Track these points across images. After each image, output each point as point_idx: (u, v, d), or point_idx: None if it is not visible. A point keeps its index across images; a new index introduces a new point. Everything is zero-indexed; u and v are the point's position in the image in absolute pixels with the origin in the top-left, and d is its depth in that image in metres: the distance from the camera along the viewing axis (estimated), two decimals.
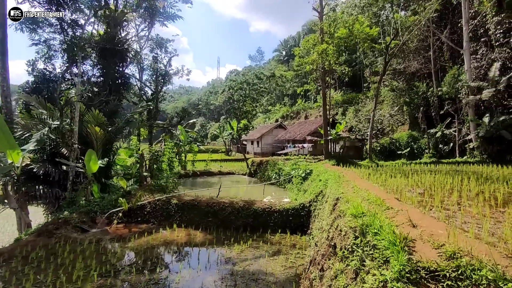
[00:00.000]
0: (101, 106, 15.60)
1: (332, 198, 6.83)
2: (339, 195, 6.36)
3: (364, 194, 5.89)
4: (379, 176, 11.08)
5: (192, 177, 22.88)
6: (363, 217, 4.03)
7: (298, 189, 13.77)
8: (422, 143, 27.09)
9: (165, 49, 23.53)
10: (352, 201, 5.20)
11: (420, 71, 29.82)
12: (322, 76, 17.62)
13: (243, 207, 10.58)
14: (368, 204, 5.11)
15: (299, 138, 39.16)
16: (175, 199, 11.23)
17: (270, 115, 71.56)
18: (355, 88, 52.07)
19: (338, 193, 6.61)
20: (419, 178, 10.90)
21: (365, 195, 5.78)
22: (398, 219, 4.00)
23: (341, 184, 8.18)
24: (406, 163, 18.46)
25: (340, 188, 7.40)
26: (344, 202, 5.61)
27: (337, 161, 16.90)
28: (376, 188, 6.86)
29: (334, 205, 6.20)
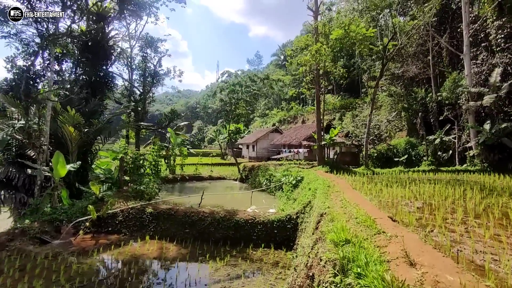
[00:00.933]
0: (81, 106, 14.66)
1: (316, 213, 5.90)
2: (324, 210, 5.43)
3: (353, 211, 4.96)
4: (374, 185, 10.17)
5: (180, 182, 21.87)
6: (346, 246, 3.09)
7: (287, 197, 12.82)
8: (420, 150, 26.24)
9: (155, 48, 22.63)
10: (337, 220, 4.27)
11: (418, 76, 29.08)
12: (316, 79, 16.76)
13: (224, 217, 9.61)
14: (355, 224, 4.17)
15: (294, 143, 38.27)
16: (151, 207, 10.25)
17: (268, 119, 70.78)
18: (353, 93, 51.38)
19: (324, 208, 5.68)
20: (417, 188, 9.98)
21: (354, 212, 4.84)
22: (391, 249, 3.06)
23: (330, 195, 7.25)
24: (404, 171, 17.57)
25: (327, 201, 6.47)
26: (329, 220, 4.67)
27: (331, 167, 15.98)
28: (367, 203, 5.92)
29: (318, 222, 5.26)
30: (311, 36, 16.36)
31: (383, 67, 17.36)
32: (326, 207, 5.62)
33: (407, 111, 29.91)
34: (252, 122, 79.47)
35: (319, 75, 16.84)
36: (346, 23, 15.71)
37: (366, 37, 17.36)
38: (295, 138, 39.31)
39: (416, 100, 29.07)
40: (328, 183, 9.29)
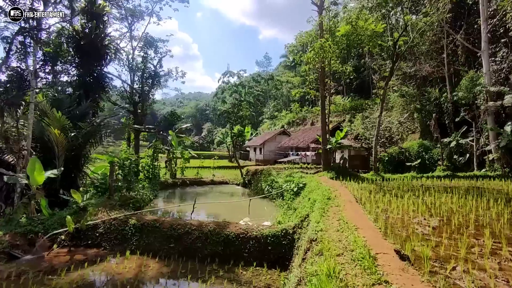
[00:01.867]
0: (72, 108, 13.98)
1: (307, 237, 4.86)
2: (315, 235, 4.39)
3: (350, 238, 3.90)
4: (382, 195, 9.02)
5: (180, 186, 21.02)
6: None
7: (288, 206, 11.76)
8: (435, 153, 24.72)
9: (155, 48, 21.94)
10: (327, 253, 3.22)
11: (432, 75, 27.56)
12: (321, 78, 15.65)
13: (213, 231, 8.62)
14: (349, 262, 3.13)
15: (302, 145, 37.11)
16: (134, 218, 9.36)
17: (276, 121, 69.67)
18: (363, 94, 49.83)
19: (316, 230, 4.63)
20: (432, 199, 8.79)
21: (351, 240, 3.79)
22: None
23: (327, 211, 6.18)
24: (417, 177, 16.26)
25: (322, 220, 5.43)
26: (317, 252, 3.64)
27: (337, 173, 14.83)
28: (370, 225, 4.82)
29: (306, 252, 4.23)
30: (314, 32, 15.23)
31: (393, 65, 16.12)
32: (319, 230, 4.58)
33: (420, 112, 28.40)
34: (261, 124, 78.50)
35: (324, 73, 15.72)
36: (354, 18, 14.58)
37: (375, 33, 16.18)
38: (303, 141, 38.14)
39: (429, 101, 27.55)
40: (329, 194, 8.19)
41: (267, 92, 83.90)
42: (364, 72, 48.58)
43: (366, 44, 16.61)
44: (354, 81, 52.06)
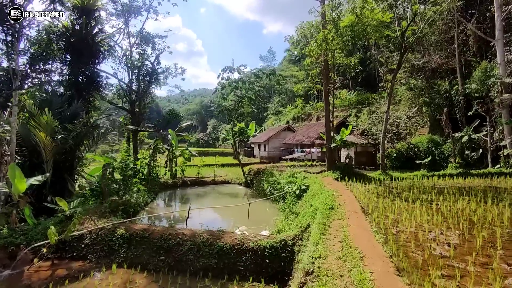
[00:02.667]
0: (62, 109, 13.36)
1: (301, 268, 4.09)
2: (312, 265, 3.63)
3: (355, 275, 3.12)
4: (392, 200, 8.21)
5: (181, 187, 20.40)
6: None
7: (290, 210, 10.99)
8: (445, 148, 23.67)
9: (152, 45, 21.20)
10: None
11: (442, 67, 26.35)
12: (323, 72, 14.75)
13: (206, 242, 7.91)
14: None
15: (307, 142, 36.25)
16: (123, 228, 8.69)
17: (281, 116, 68.64)
18: (369, 88, 48.60)
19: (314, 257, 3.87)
20: (447, 204, 7.94)
21: (355, 278, 3.01)
22: None
23: (328, 227, 5.41)
24: (427, 175, 15.32)
25: (321, 241, 4.64)
26: None
27: (342, 173, 13.99)
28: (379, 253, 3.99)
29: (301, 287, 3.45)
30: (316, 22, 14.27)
31: (401, 56, 15.12)
32: (316, 257, 3.82)
33: (429, 106, 27.31)
34: (266, 120, 77.58)
35: (327, 67, 14.81)
36: (359, 7, 13.62)
37: (382, 23, 15.20)
38: (308, 137, 37.25)
39: (439, 94, 26.45)
40: (331, 202, 7.39)
41: (271, 87, 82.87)
42: (370, 65, 47.31)
43: (372, 35, 15.63)
44: (360, 75, 50.83)
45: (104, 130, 14.94)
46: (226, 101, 21.77)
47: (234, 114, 21.24)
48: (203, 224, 10.79)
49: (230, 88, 20.66)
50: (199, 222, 11.34)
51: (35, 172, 11.42)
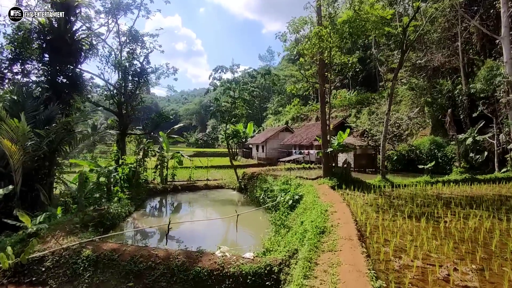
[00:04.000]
0: (37, 112, 12.38)
1: None
2: None
3: None
4: (393, 217, 7.20)
5: (171, 192, 19.42)
6: None
7: (282, 223, 9.98)
8: (448, 151, 22.71)
9: (141, 43, 20.21)
10: None
11: (445, 66, 25.30)
12: (319, 71, 13.73)
13: (182, 266, 6.94)
14: None
15: (305, 143, 35.33)
16: (90, 248, 7.71)
17: (281, 116, 67.64)
18: (369, 88, 47.62)
19: None
20: (457, 222, 6.95)
21: None
22: None
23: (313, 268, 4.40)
24: (431, 181, 14.32)
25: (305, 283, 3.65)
26: None
27: (339, 180, 12.99)
28: None
29: None
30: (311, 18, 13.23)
31: (402, 54, 14.11)
32: None
33: (431, 106, 26.32)
34: (265, 120, 76.60)
35: (323, 66, 13.77)
36: (357, 1, 12.61)
37: (382, 20, 14.22)
38: (306, 138, 36.31)
39: (441, 94, 25.47)
40: (323, 224, 6.38)
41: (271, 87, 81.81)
42: (370, 64, 46.33)
43: (372, 32, 14.64)
44: (360, 74, 49.81)
45: (86, 133, 13.94)
46: (219, 102, 20.81)
47: (228, 116, 20.25)
48: (182, 241, 9.83)
49: (222, 89, 19.67)
50: (180, 237, 10.38)
51: (1, 183, 10.48)
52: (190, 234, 10.72)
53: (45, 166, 12.08)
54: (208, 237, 10.38)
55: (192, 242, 9.81)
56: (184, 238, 10.28)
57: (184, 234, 10.72)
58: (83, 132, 13.74)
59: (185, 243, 9.74)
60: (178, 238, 10.20)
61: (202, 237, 10.41)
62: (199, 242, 9.87)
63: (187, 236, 10.47)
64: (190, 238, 10.40)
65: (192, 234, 10.66)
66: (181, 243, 9.76)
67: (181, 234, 10.68)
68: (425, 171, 15.54)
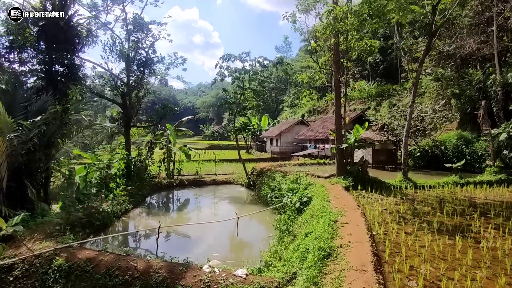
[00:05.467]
0: (29, 103, 11.64)
1: None
2: None
3: None
4: (417, 232, 5.85)
5: (177, 187, 18.56)
6: None
7: (287, 229, 8.77)
8: (478, 147, 20.70)
9: (146, 31, 19.23)
10: None
11: (476, 54, 23.02)
12: (333, 57, 12.23)
13: (162, 283, 5.90)
14: None
15: (320, 137, 33.78)
16: (65, 255, 6.80)
17: (297, 109, 65.82)
18: (390, 79, 45.02)
19: None
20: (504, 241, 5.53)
21: None
22: None
23: None
24: (460, 183, 12.68)
25: None
26: None
27: (354, 180, 11.59)
28: None
29: None
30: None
31: (431, 37, 12.33)
32: None
33: (459, 99, 24.11)
34: (281, 113, 74.99)
35: (338, 52, 12.27)
36: None
37: None
38: (322, 132, 34.73)
39: (471, 85, 23.21)
40: (329, 243, 5.11)
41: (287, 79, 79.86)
42: (391, 54, 43.73)
43: (395, 13, 12.98)
44: (380, 65, 47.33)
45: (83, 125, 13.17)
46: (227, 93, 19.66)
47: (236, 108, 19.08)
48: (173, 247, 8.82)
49: (231, 79, 18.49)
50: (172, 241, 9.36)
51: None
52: (183, 239, 9.71)
53: (36, 159, 11.34)
54: (203, 243, 9.32)
55: (184, 249, 8.84)
56: (176, 244, 9.29)
57: (177, 239, 9.73)
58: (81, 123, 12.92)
59: (176, 250, 8.78)
60: (170, 244, 9.20)
61: (196, 242, 9.37)
62: (192, 248, 8.88)
63: (180, 241, 9.46)
64: (182, 243, 9.40)
65: (186, 238, 9.64)
66: (171, 249, 8.76)
67: (174, 238, 9.68)
68: (454, 170, 13.85)
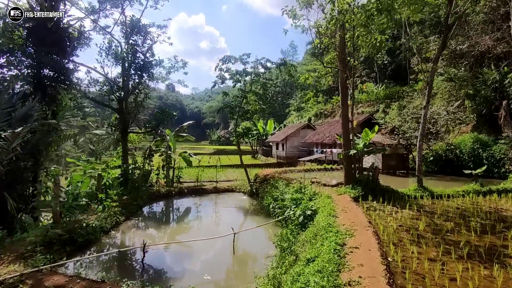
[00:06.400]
0: (14, 109, 10.92)
1: None
2: None
3: None
4: (442, 258, 4.81)
5: (176, 196, 17.69)
6: None
7: (289, 246, 7.76)
8: (496, 150, 19.41)
9: (144, 34, 18.54)
10: None
11: (491, 52, 21.76)
12: (339, 55, 11.22)
13: None
14: None
15: (327, 141, 32.66)
16: (29, 283, 5.92)
17: (303, 113, 64.81)
18: (399, 81, 43.72)
19: None
20: None
21: None
22: None
23: None
24: (481, 191, 11.49)
25: None
26: None
27: (364, 189, 10.52)
28: None
29: None
30: None
31: (447, 31, 11.24)
32: None
33: (473, 99, 22.86)
34: (288, 117, 74.00)
35: (344, 49, 11.26)
36: None
37: None
38: (329, 136, 33.61)
39: (486, 85, 21.96)
40: (333, 283, 4.10)
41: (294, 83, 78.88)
42: (400, 56, 42.50)
43: (405, 7, 11.99)
44: (388, 66, 46.12)
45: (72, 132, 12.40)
46: (228, 97, 18.82)
47: (237, 112, 18.20)
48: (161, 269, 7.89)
49: (232, 82, 17.64)
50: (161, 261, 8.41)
51: None
52: (175, 256, 8.75)
53: (20, 169, 10.58)
54: (196, 261, 8.35)
55: (174, 269, 7.94)
56: (166, 262, 8.34)
57: (168, 256, 8.78)
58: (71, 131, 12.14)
59: (166, 270, 7.85)
60: (159, 263, 8.26)
61: (189, 260, 8.42)
62: (183, 268, 7.97)
63: (169, 261, 8.50)
64: (174, 261, 8.45)
65: (177, 257, 8.68)
66: (160, 270, 7.83)
67: (164, 256, 8.73)
68: (474, 177, 12.66)
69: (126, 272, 7.53)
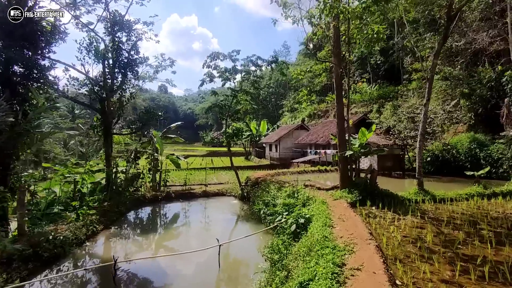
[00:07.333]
0: None
1: None
2: None
3: None
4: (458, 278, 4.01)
5: (163, 201, 16.72)
6: None
7: (280, 259, 6.91)
8: (494, 150, 18.91)
9: (129, 31, 17.56)
10: None
11: (488, 49, 21.29)
12: (334, 49, 10.43)
13: None
14: None
15: (322, 142, 31.95)
16: None
17: (297, 114, 64.15)
18: (392, 81, 43.28)
19: None
20: None
21: None
22: None
23: None
24: (485, 194, 10.80)
25: None
26: None
27: (362, 193, 9.73)
28: None
29: None
30: None
31: (450, 21, 10.48)
32: None
33: (468, 98, 22.37)
34: (281, 118, 73.28)
35: (338, 42, 10.48)
36: None
37: None
38: (323, 136, 32.93)
39: (481, 83, 21.49)
40: None
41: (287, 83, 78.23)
42: (393, 55, 42.07)
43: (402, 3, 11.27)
44: (381, 66, 45.65)
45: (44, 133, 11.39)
46: (217, 96, 17.95)
47: (227, 112, 17.35)
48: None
49: (221, 80, 16.78)
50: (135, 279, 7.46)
51: None
52: (150, 274, 7.75)
53: None
54: (176, 279, 7.42)
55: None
56: (141, 281, 7.38)
57: (145, 272, 7.80)
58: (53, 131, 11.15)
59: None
60: (134, 280, 7.31)
61: (167, 278, 7.47)
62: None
63: (148, 276, 7.55)
64: (150, 279, 7.48)
65: (154, 273, 7.72)
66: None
67: (138, 274, 7.72)
68: (476, 179, 11.97)
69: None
